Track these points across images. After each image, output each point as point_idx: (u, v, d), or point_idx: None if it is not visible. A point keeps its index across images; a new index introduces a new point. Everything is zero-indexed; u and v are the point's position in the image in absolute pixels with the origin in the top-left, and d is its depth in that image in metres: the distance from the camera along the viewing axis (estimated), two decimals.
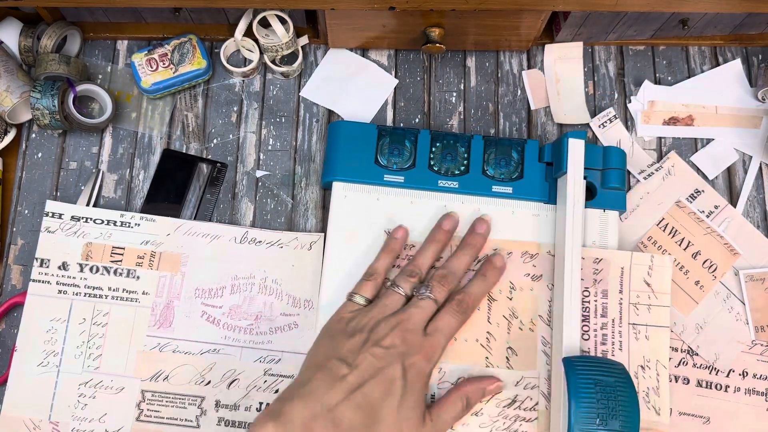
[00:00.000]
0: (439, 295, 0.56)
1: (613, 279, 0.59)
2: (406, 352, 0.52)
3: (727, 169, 0.67)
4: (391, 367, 0.51)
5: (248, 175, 0.66)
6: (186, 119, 0.68)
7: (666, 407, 0.57)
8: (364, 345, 0.52)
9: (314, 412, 0.49)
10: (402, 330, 0.53)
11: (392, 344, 0.52)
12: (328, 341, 0.54)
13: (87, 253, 0.62)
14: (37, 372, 0.59)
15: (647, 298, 0.59)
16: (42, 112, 0.62)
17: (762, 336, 0.62)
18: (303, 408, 0.49)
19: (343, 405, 0.49)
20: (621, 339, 0.58)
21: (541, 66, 0.70)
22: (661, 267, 0.60)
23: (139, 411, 0.59)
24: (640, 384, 0.57)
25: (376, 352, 0.52)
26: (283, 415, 0.48)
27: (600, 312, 0.59)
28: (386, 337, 0.52)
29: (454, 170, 0.63)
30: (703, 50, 0.71)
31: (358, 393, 0.50)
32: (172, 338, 0.61)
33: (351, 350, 0.52)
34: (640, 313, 0.59)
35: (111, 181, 0.66)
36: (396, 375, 0.51)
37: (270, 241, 0.63)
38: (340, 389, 0.50)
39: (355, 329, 0.54)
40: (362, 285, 0.58)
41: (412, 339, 0.53)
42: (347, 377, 0.50)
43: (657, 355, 0.58)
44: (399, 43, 0.68)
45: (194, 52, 0.67)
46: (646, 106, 0.68)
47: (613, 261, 0.60)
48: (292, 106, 0.68)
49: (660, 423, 0.57)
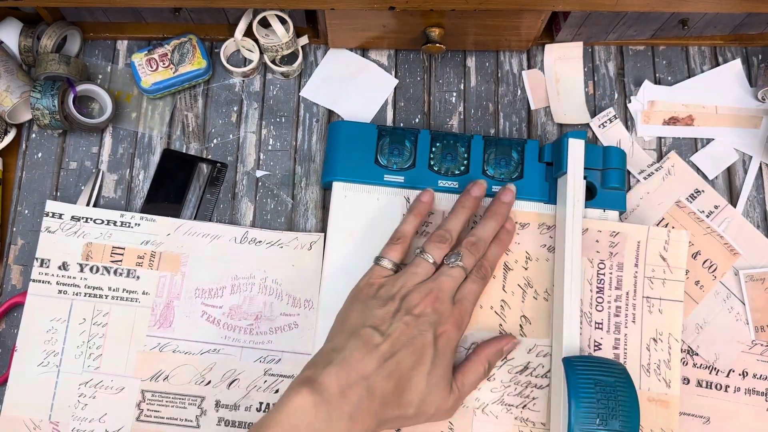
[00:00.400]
0: (468, 263, 0.56)
1: (629, 252, 0.60)
2: (437, 321, 0.53)
3: (727, 169, 0.67)
4: (423, 335, 0.52)
5: (248, 175, 0.66)
6: (186, 119, 0.68)
7: (677, 380, 0.58)
8: (396, 314, 0.53)
9: (349, 380, 0.49)
10: (433, 298, 0.54)
11: (423, 312, 0.53)
12: (360, 307, 0.55)
13: (87, 253, 0.62)
14: (37, 372, 0.59)
15: (662, 273, 0.60)
16: (42, 112, 0.62)
17: (762, 336, 0.62)
18: (338, 375, 0.49)
19: (376, 373, 0.50)
20: (635, 312, 0.59)
21: (541, 66, 0.70)
22: (678, 242, 0.60)
23: (139, 411, 0.59)
24: (652, 356, 0.58)
25: (408, 321, 0.52)
26: (319, 382, 0.49)
27: (615, 284, 0.60)
28: (418, 305, 0.53)
29: (454, 170, 0.63)
30: (703, 50, 0.71)
31: (392, 361, 0.51)
32: (172, 338, 0.61)
33: (383, 318, 0.53)
34: (654, 287, 0.60)
35: (111, 181, 0.66)
36: (427, 343, 0.52)
37: (270, 241, 0.63)
38: (374, 358, 0.50)
39: (386, 296, 0.54)
40: (389, 248, 0.58)
41: (442, 308, 0.54)
42: (380, 346, 0.51)
43: (670, 329, 0.59)
44: (399, 43, 0.68)
45: (194, 52, 0.67)
46: (646, 106, 0.68)
47: (629, 234, 0.60)
48: (292, 106, 0.68)
49: (670, 395, 0.57)
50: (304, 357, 0.60)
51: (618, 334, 0.59)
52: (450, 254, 0.56)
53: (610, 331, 0.59)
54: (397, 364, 0.51)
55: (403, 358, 0.51)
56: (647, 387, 0.58)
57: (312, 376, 0.49)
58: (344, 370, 0.50)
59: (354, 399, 0.49)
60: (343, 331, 0.53)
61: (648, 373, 0.58)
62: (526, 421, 0.57)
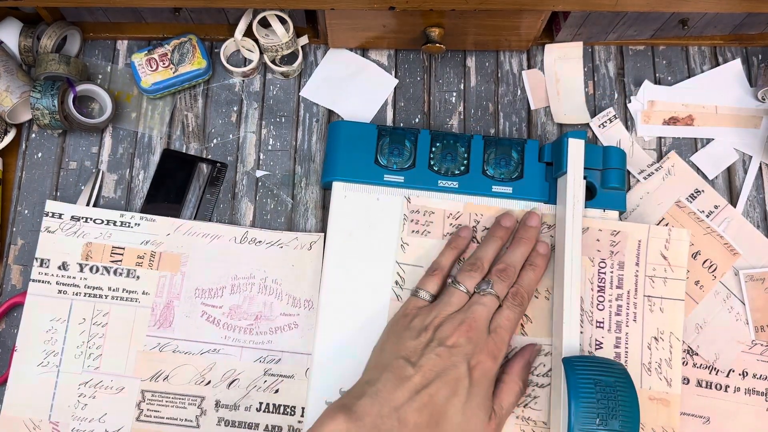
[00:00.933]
0: (500, 290, 0.56)
1: (629, 251, 0.60)
2: (471, 352, 0.53)
3: (727, 169, 0.67)
4: (456, 367, 0.52)
5: (248, 175, 0.66)
6: (186, 119, 0.68)
7: (677, 378, 0.58)
8: (428, 345, 0.53)
9: (382, 411, 0.50)
10: (467, 328, 0.53)
11: (457, 343, 0.53)
12: (394, 338, 0.55)
13: (87, 253, 0.62)
14: (37, 372, 0.59)
15: (663, 271, 0.60)
16: (42, 112, 0.62)
17: (762, 336, 0.62)
18: (371, 406, 0.50)
19: (408, 405, 0.50)
20: (636, 311, 0.59)
21: (541, 66, 0.70)
22: (678, 240, 0.60)
23: (139, 411, 0.59)
24: (653, 355, 0.58)
25: (441, 352, 0.52)
26: (354, 412, 0.49)
27: (616, 283, 0.60)
28: (451, 336, 0.53)
29: (454, 170, 0.63)
30: (703, 50, 0.71)
31: (424, 393, 0.50)
32: (172, 338, 0.61)
33: (416, 350, 0.53)
34: (655, 286, 0.60)
35: (111, 181, 0.66)
36: (461, 375, 0.52)
37: (270, 241, 0.63)
38: (405, 389, 0.50)
39: (420, 327, 0.54)
40: (426, 280, 0.58)
41: (476, 337, 0.53)
42: (412, 378, 0.51)
43: (671, 327, 0.59)
44: (399, 42, 0.68)
45: (194, 52, 0.67)
46: (646, 106, 0.68)
47: (630, 233, 0.61)
48: (292, 106, 0.68)
49: (671, 393, 0.57)
50: (303, 357, 0.60)
51: (619, 333, 0.59)
52: (480, 282, 0.56)
53: (611, 330, 0.59)
54: (430, 397, 0.50)
55: (436, 390, 0.51)
56: (648, 386, 0.58)
57: (348, 404, 0.50)
58: (377, 401, 0.50)
59: (385, 430, 0.49)
60: (377, 364, 0.54)
61: (649, 372, 0.58)
62: (528, 420, 0.57)
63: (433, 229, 0.61)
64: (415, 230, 0.61)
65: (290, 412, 0.60)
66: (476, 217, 0.62)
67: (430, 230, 0.61)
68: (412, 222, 0.61)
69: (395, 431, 0.49)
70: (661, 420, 0.57)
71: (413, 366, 0.52)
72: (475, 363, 0.52)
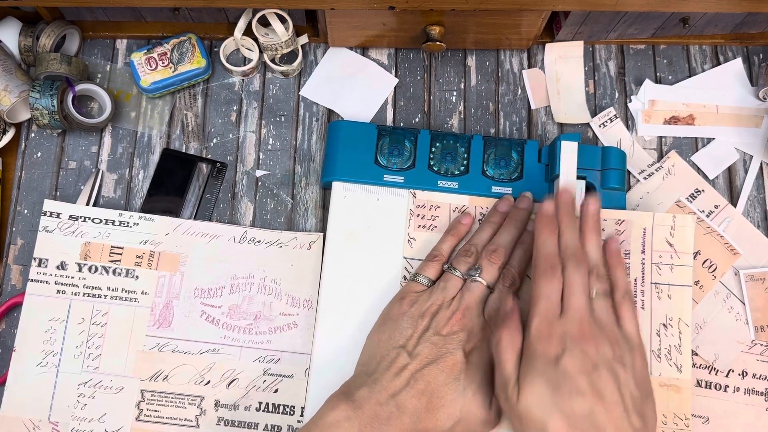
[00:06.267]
0: (488, 275, 0.56)
1: (635, 239, 0.60)
2: (466, 338, 0.54)
3: (728, 168, 0.67)
4: (452, 353, 0.53)
5: (248, 174, 0.66)
6: (185, 118, 0.67)
7: (688, 364, 0.58)
8: (424, 333, 0.54)
9: (380, 399, 0.51)
10: (460, 316, 0.54)
11: (451, 332, 0.54)
12: (391, 325, 0.56)
13: (85, 253, 0.62)
14: (36, 372, 0.59)
15: (669, 258, 0.60)
16: (41, 111, 0.62)
17: (762, 336, 0.62)
18: (370, 394, 0.51)
19: (405, 391, 0.51)
20: (644, 298, 0.59)
21: (541, 65, 0.70)
22: (683, 227, 0.60)
23: (138, 411, 0.59)
24: (663, 342, 0.58)
25: (436, 341, 0.53)
26: (354, 400, 0.51)
27: None
28: (446, 325, 0.54)
29: (454, 170, 0.63)
30: (703, 49, 0.70)
31: (421, 379, 0.52)
32: (172, 338, 0.61)
33: (411, 339, 0.54)
34: (662, 273, 0.60)
35: (110, 180, 0.66)
36: (458, 360, 0.53)
37: (269, 241, 0.63)
38: (402, 378, 0.52)
39: (417, 314, 0.55)
40: (426, 266, 0.58)
41: (470, 324, 0.54)
42: (408, 366, 0.52)
43: (680, 314, 0.59)
44: (399, 41, 0.68)
45: (194, 51, 0.67)
46: (646, 106, 0.68)
47: (635, 222, 0.61)
48: (291, 105, 0.68)
49: (682, 379, 0.57)
50: (303, 357, 0.60)
51: None
52: (470, 268, 0.57)
53: None
54: (427, 383, 0.52)
55: (433, 376, 0.52)
56: (659, 372, 0.58)
57: (348, 392, 0.52)
58: (375, 390, 0.52)
59: (384, 416, 0.50)
60: (375, 353, 0.55)
61: (659, 359, 0.58)
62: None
63: (439, 224, 0.61)
64: (421, 225, 0.61)
65: (289, 412, 0.60)
66: (482, 210, 0.62)
67: (436, 224, 0.61)
68: (418, 217, 0.62)
69: (395, 417, 0.51)
70: (673, 406, 0.57)
71: (410, 355, 0.53)
72: (471, 348, 0.54)
